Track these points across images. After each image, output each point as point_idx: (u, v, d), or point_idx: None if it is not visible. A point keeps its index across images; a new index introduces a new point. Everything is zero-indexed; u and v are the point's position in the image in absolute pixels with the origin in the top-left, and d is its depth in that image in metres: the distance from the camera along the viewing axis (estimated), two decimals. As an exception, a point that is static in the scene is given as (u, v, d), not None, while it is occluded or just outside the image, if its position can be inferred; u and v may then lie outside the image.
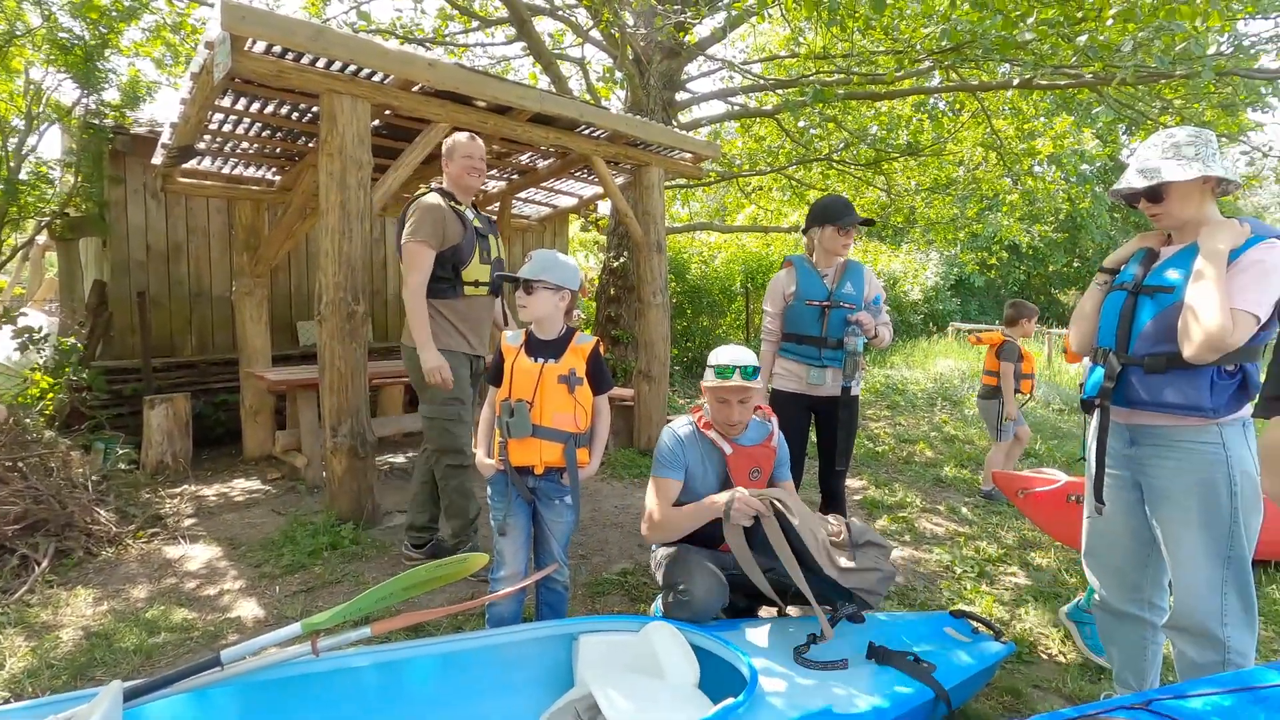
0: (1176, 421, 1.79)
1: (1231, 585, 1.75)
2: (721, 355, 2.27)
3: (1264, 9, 5.94)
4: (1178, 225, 1.84)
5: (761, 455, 2.33)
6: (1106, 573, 2.03)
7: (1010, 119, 8.06)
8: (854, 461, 5.50)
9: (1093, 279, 2.04)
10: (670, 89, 6.80)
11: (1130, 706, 1.59)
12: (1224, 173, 1.75)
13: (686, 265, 10.33)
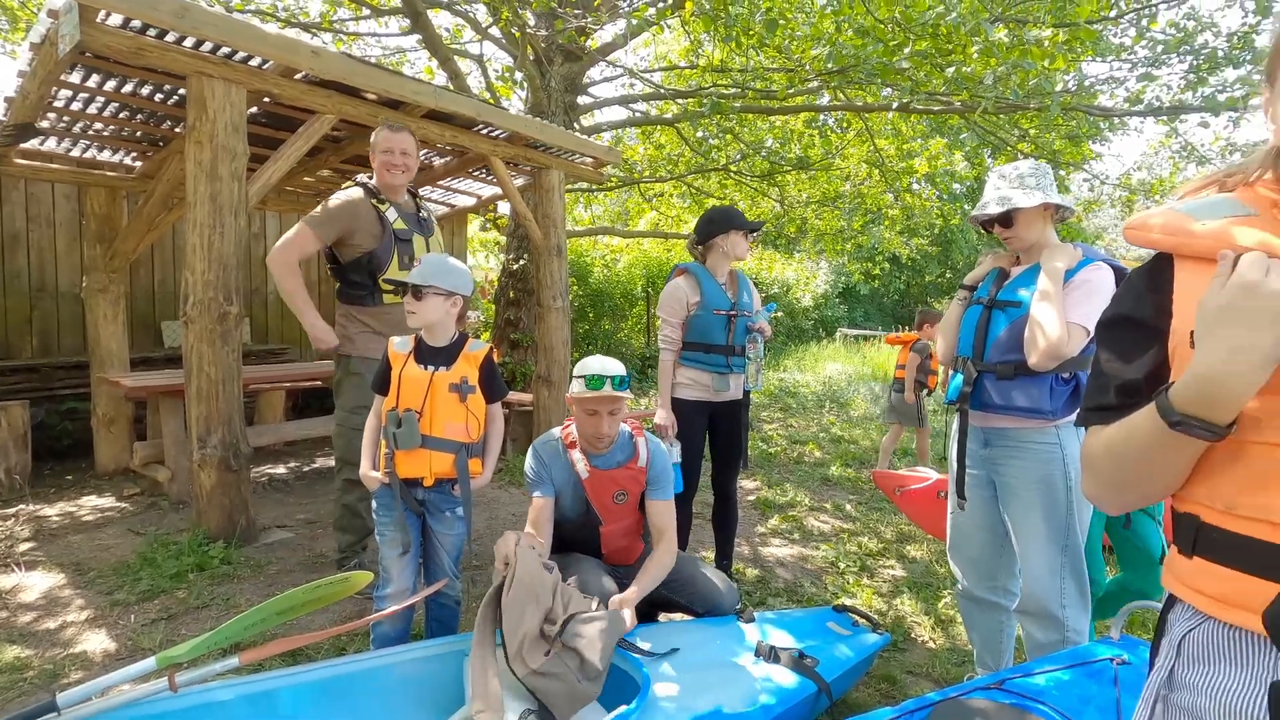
0: (1022, 423, 1.98)
1: (1069, 570, 1.96)
2: (590, 365, 2.21)
3: (1101, 52, 6.69)
4: (1025, 247, 2.04)
5: (626, 478, 2.29)
6: (967, 563, 2.21)
7: (891, 139, 8.63)
8: (750, 463, 5.69)
9: (955, 294, 2.22)
10: (572, 92, 6.78)
11: (986, 687, 1.74)
12: (1061, 200, 1.97)
13: (589, 269, 10.33)
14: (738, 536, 3.90)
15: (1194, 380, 0.75)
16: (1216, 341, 0.73)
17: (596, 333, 10.20)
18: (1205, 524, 0.80)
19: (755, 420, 7.42)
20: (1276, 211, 0.81)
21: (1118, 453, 0.84)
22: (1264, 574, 0.74)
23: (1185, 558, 0.83)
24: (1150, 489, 0.84)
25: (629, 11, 4.98)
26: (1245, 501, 0.76)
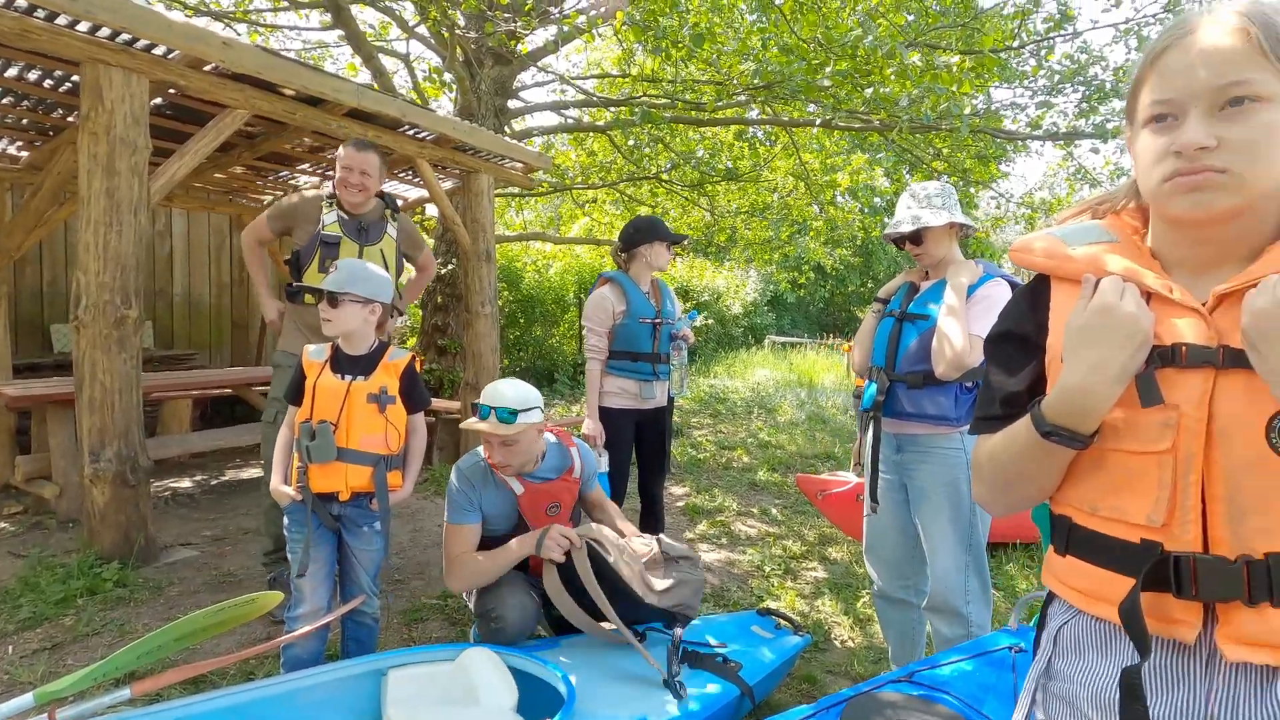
0: (931, 430, 2.09)
1: (972, 569, 2.07)
2: (487, 391, 2.15)
3: (1008, 78, 7.13)
4: (934, 263, 2.16)
5: (560, 489, 2.27)
6: (882, 565, 2.31)
7: (816, 154, 8.93)
8: (678, 469, 5.74)
9: (870, 307, 2.32)
10: (503, 95, 6.70)
11: (897, 680, 1.82)
12: (965, 220, 2.11)
13: (520, 274, 10.21)
14: (667, 543, 3.94)
15: (1061, 393, 0.82)
16: (1079, 358, 0.80)
17: (528, 339, 10.09)
18: (1075, 524, 0.87)
19: (685, 427, 7.51)
20: (1137, 238, 0.89)
21: (1000, 459, 0.91)
22: (1121, 570, 0.80)
23: (1060, 556, 0.89)
24: (1029, 492, 0.91)
25: (560, 18, 4.97)
26: (1106, 503, 0.83)
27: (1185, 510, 0.77)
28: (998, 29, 6.41)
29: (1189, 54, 0.76)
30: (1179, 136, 0.75)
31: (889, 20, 5.35)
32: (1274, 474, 0.73)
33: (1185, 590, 0.77)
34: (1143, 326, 0.78)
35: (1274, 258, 0.75)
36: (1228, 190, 0.75)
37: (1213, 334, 0.77)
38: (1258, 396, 0.73)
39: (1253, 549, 0.74)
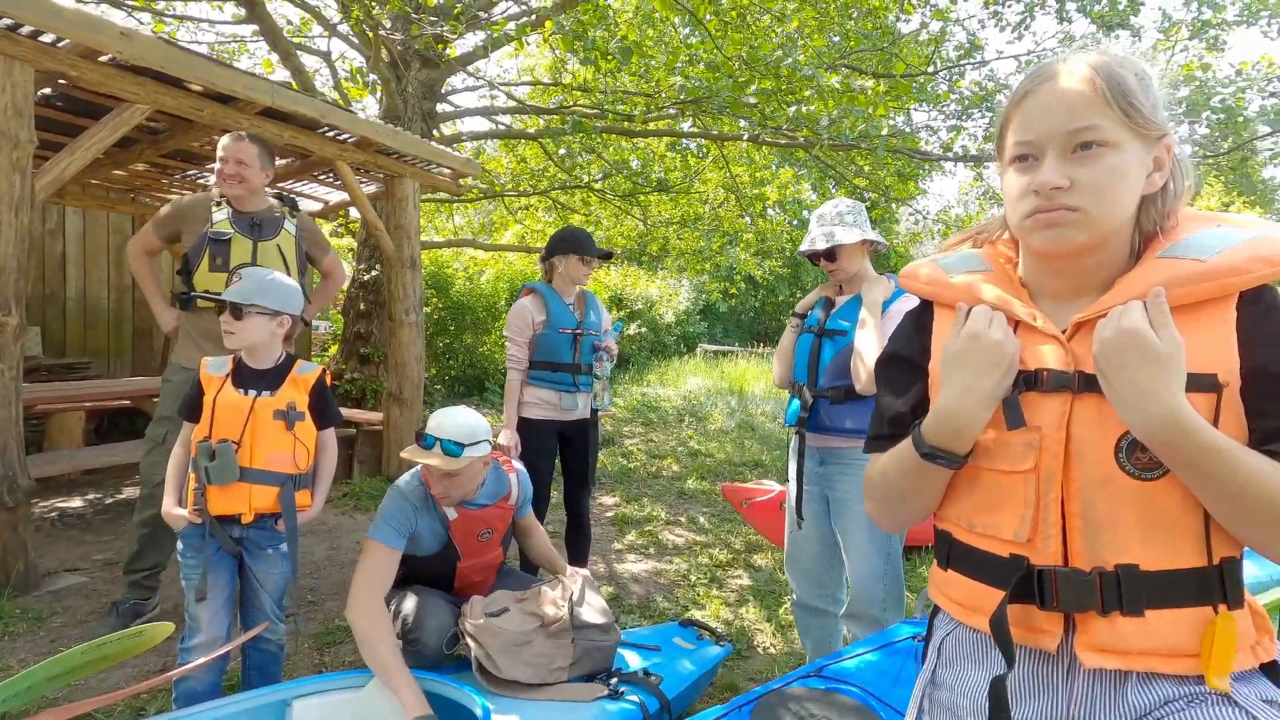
0: (852, 443, 2.16)
1: (889, 577, 2.16)
2: (434, 420, 2.02)
3: (925, 100, 7.50)
4: (848, 278, 2.24)
5: (495, 516, 2.20)
6: (802, 574, 2.36)
7: (746, 167, 9.14)
8: (609, 479, 5.73)
9: (789, 321, 2.38)
10: (431, 99, 6.56)
11: (806, 675, 1.88)
12: (876, 237, 2.19)
13: (450, 280, 10.00)
14: (594, 554, 3.92)
15: (936, 415, 0.86)
16: (951, 382, 0.85)
17: (458, 347, 9.88)
18: (955, 540, 0.91)
19: (617, 436, 7.51)
20: (1010, 268, 0.95)
21: (888, 478, 0.95)
22: (993, 583, 0.85)
23: (942, 570, 0.94)
24: (915, 509, 0.95)
25: (487, 23, 4.91)
26: (980, 520, 0.88)
27: (1047, 526, 0.82)
28: (914, 54, 6.74)
29: (1047, 100, 0.82)
30: (1037, 176, 0.81)
31: (812, 42, 5.54)
32: (1121, 491, 0.79)
33: (1048, 602, 0.82)
34: (1008, 353, 0.83)
35: (1121, 289, 0.82)
36: (1079, 227, 0.81)
37: (1070, 360, 0.83)
38: (1108, 419, 0.79)
39: (1105, 561, 0.79)
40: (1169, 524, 0.78)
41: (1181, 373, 0.74)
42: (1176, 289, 0.78)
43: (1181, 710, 0.77)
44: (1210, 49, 5.97)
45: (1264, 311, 0.78)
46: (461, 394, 9.58)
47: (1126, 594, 0.78)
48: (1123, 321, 0.76)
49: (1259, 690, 0.79)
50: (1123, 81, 0.80)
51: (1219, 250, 0.79)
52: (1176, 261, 0.80)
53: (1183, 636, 0.78)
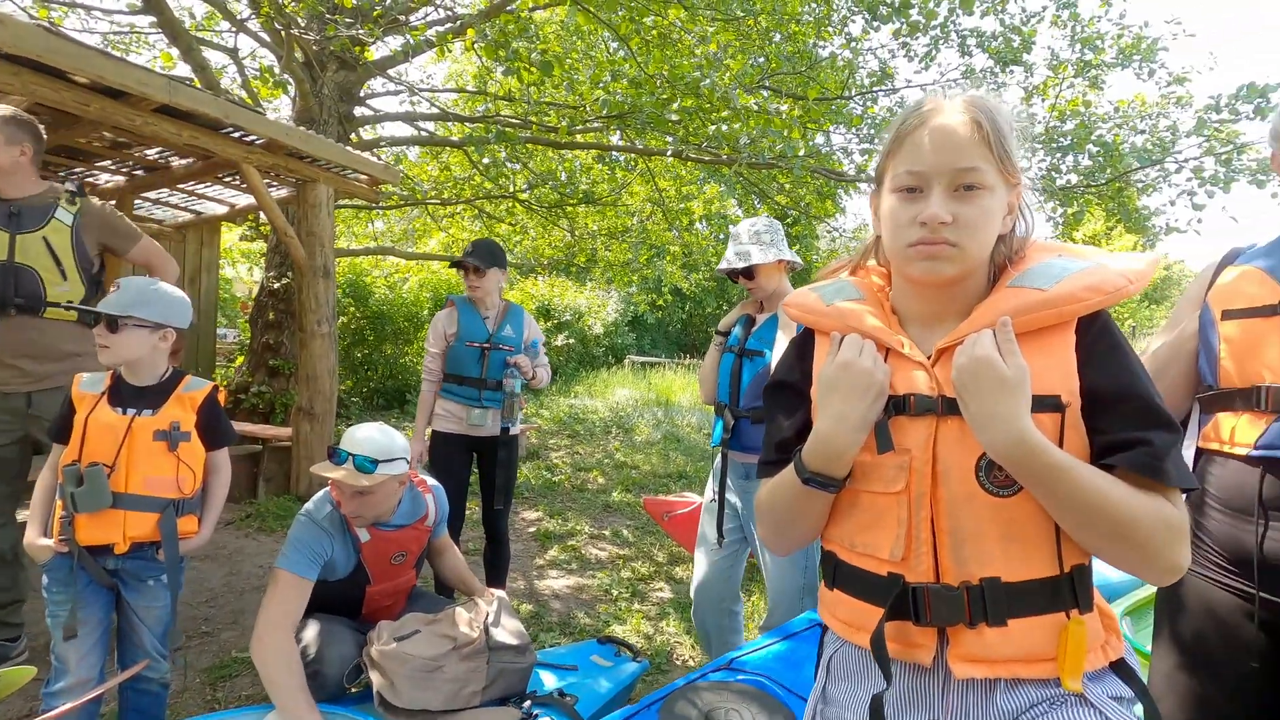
0: None
1: (807, 591, 2.21)
2: (348, 435, 1.93)
3: (842, 121, 7.82)
4: (765, 296, 2.30)
5: (409, 538, 2.11)
6: (703, 588, 2.38)
7: (672, 181, 9.28)
8: (532, 493, 5.65)
9: (712, 340, 2.42)
10: (348, 102, 6.34)
11: (717, 669, 1.90)
12: (792, 256, 2.25)
13: (370, 289, 9.66)
14: (514, 571, 3.85)
15: (813, 441, 0.89)
16: (826, 410, 0.88)
17: (377, 358, 9.54)
18: (839, 560, 0.94)
19: (542, 449, 7.42)
20: (882, 295, 0.99)
21: (776, 503, 0.97)
22: (873, 601, 0.89)
23: (829, 590, 0.96)
24: (802, 532, 0.98)
25: (406, 27, 4.79)
26: (860, 540, 0.91)
27: (919, 544, 0.86)
28: (831, 79, 7.03)
29: (937, 136, 0.86)
30: (925, 209, 0.85)
31: (734, 63, 5.70)
32: (983, 508, 0.83)
33: (922, 618, 0.85)
34: (878, 380, 0.86)
35: (977, 316, 0.87)
36: (954, 261, 0.86)
37: (935, 385, 0.87)
38: (969, 440, 0.83)
39: (971, 575, 0.84)
40: (1025, 537, 0.83)
41: (1027, 396, 0.79)
42: (1022, 316, 0.84)
43: (1045, 714, 0.82)
44: (1092, 87, 6.52)
45: (1098, 335, 0.85)
46: (380, 406, 9.25)
47: (991, 605, 0.82)
48: (975, 350, 0.81)
49: (1109, 688, 0.85)
50: (1001, 130, 0.86)
51: (1059, 280, 0.85)
52: (1023, 291, 0.86)
53: (1041, 642, 0.83)
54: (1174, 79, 6.23)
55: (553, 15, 7.44)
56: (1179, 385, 1.32)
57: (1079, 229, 6.39)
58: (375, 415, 8.71)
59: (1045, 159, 5.97)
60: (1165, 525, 0.78)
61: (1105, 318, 0.86)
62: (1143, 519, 0.78)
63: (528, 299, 13.45)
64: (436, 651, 1.85)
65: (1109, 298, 0.83)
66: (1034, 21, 6.58)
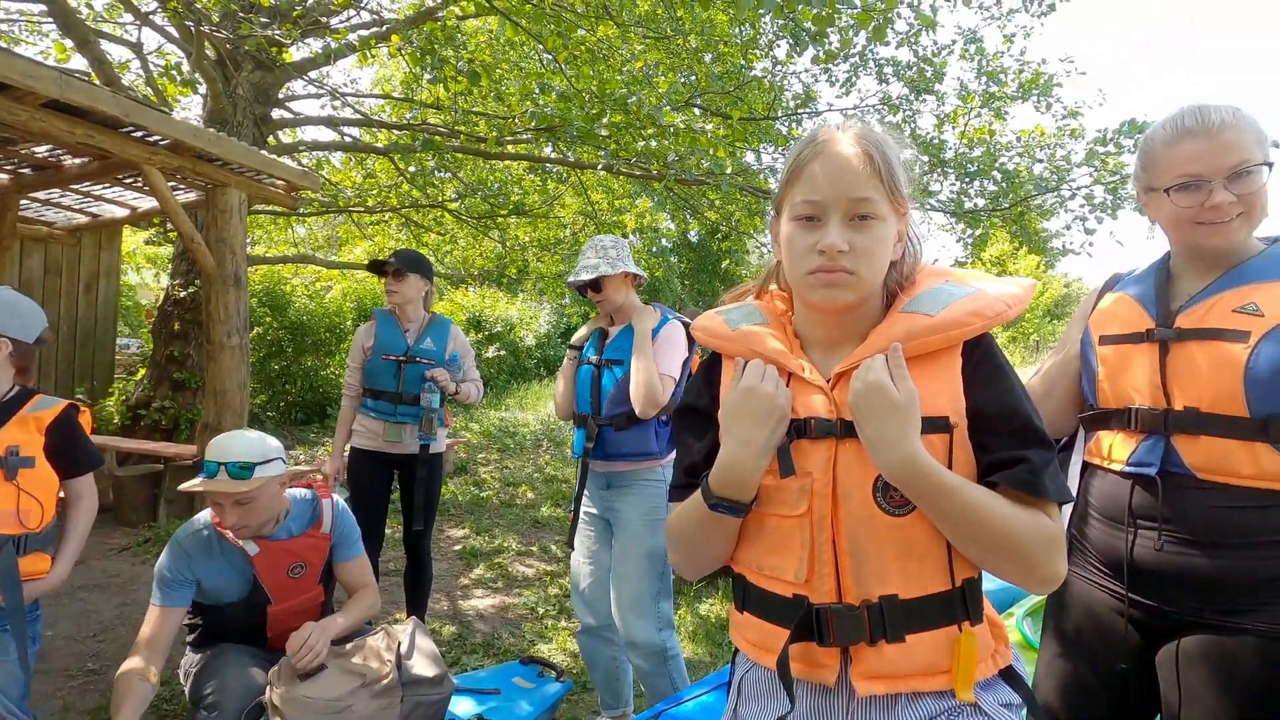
0: (636, 466, 2.25)
1: (664, 595, 2.24)
2: (214, 445, 1.85)
3: (770, 139, 8.05)
4: (614, 309, 2.34)
5: (306, 547, 2.00)
6: (588, 602, 2.36)
7: (604, 195, 9.31)
8: (459, 509, 5.51)
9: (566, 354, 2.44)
10: (265, 104, 6.08)
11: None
12: (638, 270, 2.32)
13: (289, 298, 9.25)
14: (438, 591, 3.74)
15: (719, 467, 0.90)
16: (730, 435, 0.90)
17: (296, 370, 9.13)
18: (748, 583, 0.95)
19: (470, 464, 7.26)
20: (785, 319, 1.02)
21: (685, 528, 0.97)
22: (780, 623, 0.90)
23: (739, 613, 0.97)
24: (712, 556, 0.98)
25: (327, 29, 4.64)
26: (767, 563, 0.92)
27: (822, 565, 0.88)
28: (759, 100, 7.24)
29: (834, 167, 0.89)
30: (823, 238, 0.88)
31: (663, 82, 5.78)
32: (880, 528, 0.86)
33: (826, 638, 0.87)
34: (780, 405, 0.88)
35: (872, 342, 0.90)
36: (851, 288, 0.89)
37: (834, 408, 0.90)
38: (866, 462, 0.86)
39: (871, 594, 0.86)
40: (920, 554, 0.87)
41: (917, 419, 0.83)
42: (912, 341, 0.88)
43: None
44: (997, 117, 6.97)
45: (982, 358, 0.89)
46: (299, 421, 8.85)
47: (889, 623, 0.85)
48: (868, 375, 0.84)
49: (999, 696, 0.89)
50: (891, 162, 0.90)
51: (945, 305, 0.89)
52: (913, 316, 0.90)
53: (937, 655, 0.86)
54: (1069, 112, 6.73)
55: (485, 24, 7.37)
56: (1065, 403, 1.41)
57: (986, 249, 6.79)
58: (293, 430, 8.32)
59: (955, 183, 6.32)
60: (1043, 538, 0.83)
61: (988, 340, 0.91)
62: (1023, 533, 0.82)
63: (458, 310, 13.19)
64: (343, 690, 1.76)
65: (990, 322, 0.88)
66: (944, 54, 6.98)
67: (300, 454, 7.20)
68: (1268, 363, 1.11)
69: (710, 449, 0.98)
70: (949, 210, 6.42)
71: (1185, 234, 1.24)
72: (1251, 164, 1.17)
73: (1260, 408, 1.11)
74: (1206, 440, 1.16)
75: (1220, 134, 1.18)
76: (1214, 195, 1.17)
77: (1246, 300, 1.17)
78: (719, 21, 6.30)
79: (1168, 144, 1.23)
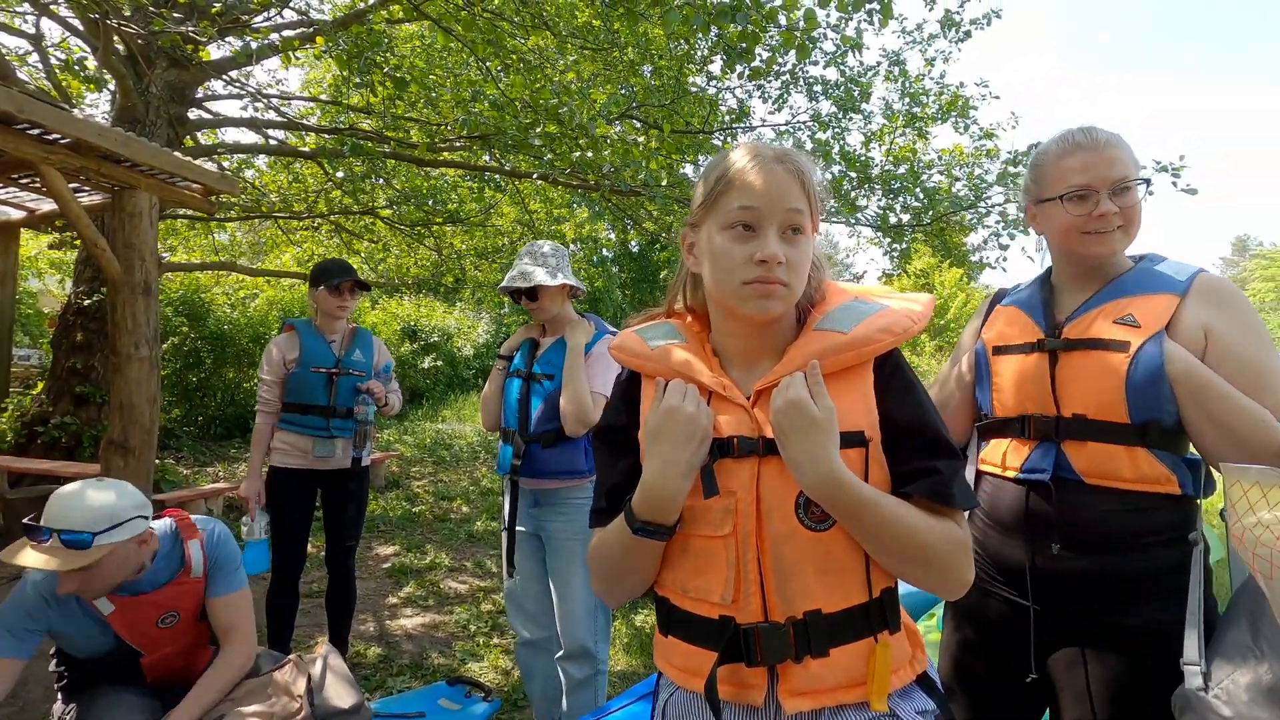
0: (564, 484, 2.22)
1: (600, 609, 2.23)
2: (51, 504, 1.60)
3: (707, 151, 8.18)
4: (549, 318, 2.30)
5: (175, 595, 1.79)
6: (526, 617, 2.34)
7: (542, 204, 9.25)
8: (389, 526, 5.34)
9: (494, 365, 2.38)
10: (182, 103, 5.78)
11: None
12: (576, 281, 2.27)
13: (208, 307, 8.79)
14: (364, 612, 3.61)
15: (642, 490, 0.88)
16: (653, 456, 0.88)
17: (215, 383, 8.68)
18: (673, 606, 0.93)
19: (404, 478, 7.05)
20: (702, 336, 1.02)
21: (607, 554, 0.95)
22: (706, 645, 0.88)
23: (664, 636, 0.95)
24: (635, 581, 0.96)
25: (247, 28, 4.46)
26: (692, 585, 0.91)
27: (748, 585, 0.87)
28: (695, 114, 7.35)
29: (770, 179, 0.89)
30: (763, 247, 0.88)
31: (600, 94, 5.81)
32: (803, 544, 0.86)
33: (754, 658, 0.86)
34: (702, 425, 0.88)
35: (790, 359, 0.92)
36: (783, 299, 0.90)
37: (754, 426, 0.90)
38: (788, 479, 0.86)
39: (796, 610, 0.86)
40: (840, 568, 0.88)
41: (835, 435, 0.84)
42: (828, 359, 0.90)
43: None
44: (920, 136, 7.29)
45: (892, 373, 0.92)
46: (218, 436, 8.41)
47: (814, 638, 0.86)
48: (789, 392, 0.85)
49: (915, 704, 0.91)
50: (813, 183, 0.92)
51: (856, 323, 0.92)
52: (827, 334, 0.92)
53: (858, 666, 0.87)
54: (984, 134, 7.10)
55: (422, 28, 7.23)
56: (961, 412, 1.47)
57: (913, 263, 7.06)
58: (211, 446, 7.90)
59: (882, 199, 6.57)
60: (955, 545, 0.86)
61: (897, 355, 0.94)
62: (936, 542, 0.85)
63: (392, 319, 12.83)
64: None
65: (899, 338, 0.91)
66: (870, 75, 7.26)
67: (219, 471, 6.84)
68: (1145, 371, 1.18)
69: (632, 469, 0.96)
70: (875, 225, 6.65)
71: (1072, 242, 1.31)
72: (1132, 180, 1.26)
73: (1139, 414, 1.19)
74: (1093, 446, 1.23)
75: (1106, 149, 1.27)
76: (1100, 204, 1.25)
77: (1124, 312, 1.25)
78: (656, 36, 6.38)
79: (1059, 156, 1.32)
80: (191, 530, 1.87)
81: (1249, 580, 1.08)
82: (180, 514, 1.92)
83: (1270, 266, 39.79)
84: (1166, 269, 1.29)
